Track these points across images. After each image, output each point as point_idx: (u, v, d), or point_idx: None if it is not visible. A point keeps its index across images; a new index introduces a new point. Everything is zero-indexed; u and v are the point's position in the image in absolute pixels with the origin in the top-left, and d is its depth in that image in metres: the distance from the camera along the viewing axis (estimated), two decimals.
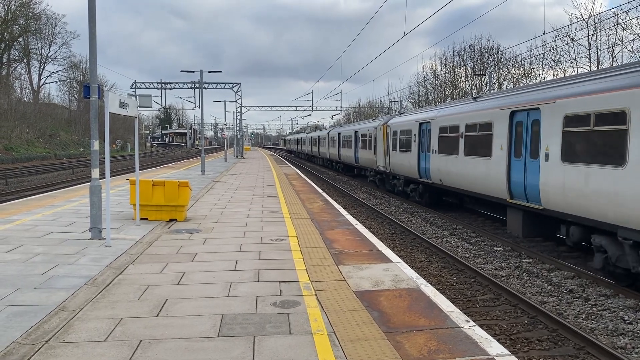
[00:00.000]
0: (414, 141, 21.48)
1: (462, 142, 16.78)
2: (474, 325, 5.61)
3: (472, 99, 18.02)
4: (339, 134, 42.18)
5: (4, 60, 69.27)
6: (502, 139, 14.12)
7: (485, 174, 15.01)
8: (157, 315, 5.88)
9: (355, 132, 34.92)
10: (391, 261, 8.50)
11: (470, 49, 49.79)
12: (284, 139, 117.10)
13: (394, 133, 24.77)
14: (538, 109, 12.39)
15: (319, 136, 56.76)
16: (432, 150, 19.34)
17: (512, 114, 13.69)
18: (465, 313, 6.26)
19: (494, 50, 47.15)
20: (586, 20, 34.02)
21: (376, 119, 33.78)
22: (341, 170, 42.81)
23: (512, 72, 45.56)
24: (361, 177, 36.70)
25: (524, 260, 12.14)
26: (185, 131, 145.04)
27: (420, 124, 21.10)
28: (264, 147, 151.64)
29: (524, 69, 43.96)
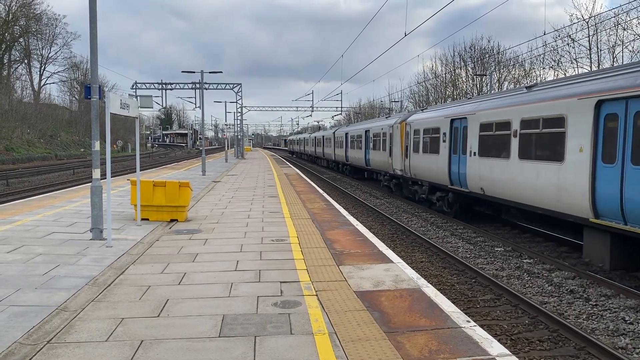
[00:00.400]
0: (444, 141, 18.35)
1: (515, 142, 13.34)
2: (475, 326, 5.62)
3: (525, 88, 14.67)
4: (346, 134, 38.45)
5: (5, 61, 69.34)
6: (581, 138, 10.85)
7: (553, 184, 11.80)
8: (158, 316, 5.89)
9: (366, 132, 31.49)
10: (392, 261, 8.50)
11: (471, 50, 49.83)
12: (285, 140, 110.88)
13: (416, 132, 21.63)
14: None
15: (323, 136, 52.73)
16: (470, 152, 16.08)
17: (599, 103, 10.45)
18: (466, 313, 6.26)
19: (494, 51, 47.15)
20: (587, 20, 34.04)
21: (391, 116, 30.59)
22: (349, 174, 39.11)
23: (513, 72, 45.58)
24: (372, 181, 33.29)
25: (524, 261, 12.14)
26: (185, 132, 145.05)
27: (452, 121, 17.77)
28: (264, 148, 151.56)
29: (524, 70, 43.98)
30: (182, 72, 36.47)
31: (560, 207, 11.62)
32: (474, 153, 15.76)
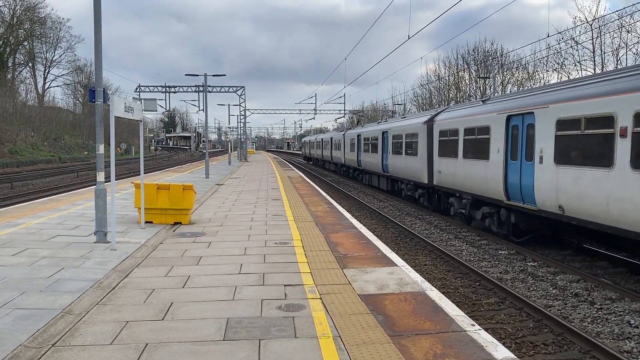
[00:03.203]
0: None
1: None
2: (480, 329, 5.60)
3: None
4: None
5: (9, 64, 69.70)
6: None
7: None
8: (162, 319, 5.89)
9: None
10: (396, 265, 8.49)
11: (474, 52, 49.82)
12: (304, 141, 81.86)
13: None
14: None
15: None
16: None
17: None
18: (470, 317, 6.25)
19: (497, 53, 47.13)
20: (590, 23, 33.99)
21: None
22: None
23: (516, 75, 45.54)
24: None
25: (528, 264, 12.11)
26: (189, 134, 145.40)
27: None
28: (267, 151, 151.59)
29: (528, 72, 43.94)
30: (186, 75, 36.58)
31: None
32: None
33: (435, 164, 19.66)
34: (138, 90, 45.58)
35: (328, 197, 19.21)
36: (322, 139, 55.95)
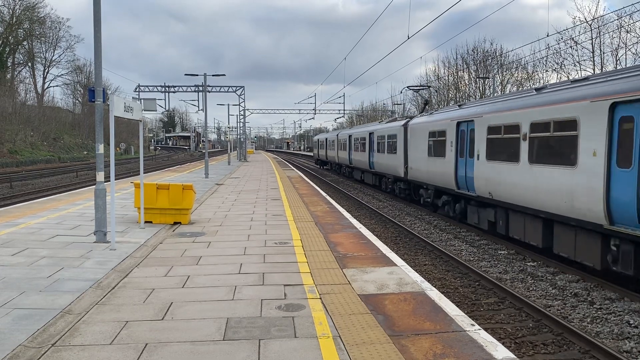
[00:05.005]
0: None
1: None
2: (479, 329, 5.61)
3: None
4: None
5: (9, 64, 69.67)
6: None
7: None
8: (162, 319, 5.89)
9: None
10: (395, 264, 8.49)
11: (474, 52, 49.84)
12: (317, 140, 59.97)
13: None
14: None
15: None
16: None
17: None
18: (470, 317, 6.26)
19: (497, 53, 47.15)
20: (589, 22, 34.01)
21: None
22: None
23: (516, 75, 45.57)
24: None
25: (528, 264, 12.11)
26: (188, 134, 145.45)
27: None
28: (267, 151, 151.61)
29: (527, 72, 43.97)
30: (186, 74, 36.53)
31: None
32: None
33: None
34: (137, 90, 45.62)
35: (328, 197, 19.21)
36: (356, 137, 35.19)
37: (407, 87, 46.50)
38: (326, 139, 51.43)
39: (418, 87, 35.41)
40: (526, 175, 12.28)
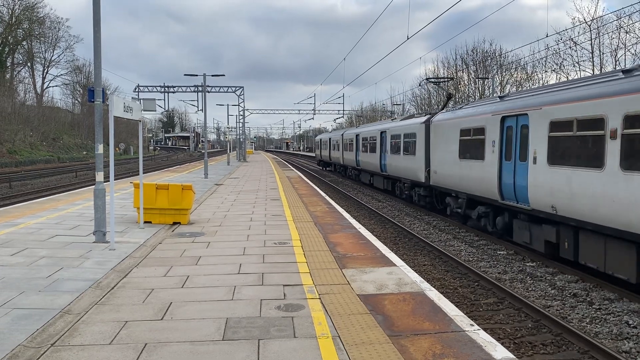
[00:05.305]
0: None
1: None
2: (478, 329, 5.61)
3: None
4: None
5: (8, 64, 69.64)
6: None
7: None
8: (161, 319, 5.90)
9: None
10: (395, 265, 8.50)
11: (473, 52, 49.86)
12: (320, 140, 56.66)
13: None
14: None
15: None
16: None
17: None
18: (469, 317, 6.26)
19: (496, 54, 47.18)
20: (589, 23, 34.04)
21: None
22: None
23: (515, 75, 45.59)
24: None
25: (527, 264, 12.12)
26: (188, 134, 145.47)
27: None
28: (266, 151, 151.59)
29: (526, 73, 43.99)
30: (185, 75, 36.54)
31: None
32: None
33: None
34: (137, 90, 45.61)
35: (327, 198, 19.22)
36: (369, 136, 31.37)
37: (427, 79, 41.12)
38: (330, 138, 48.76)
39: (440, 80, 31.68)
40: (615, 185, 9.26)
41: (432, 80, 29.71)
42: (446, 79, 37.77)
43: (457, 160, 16.80)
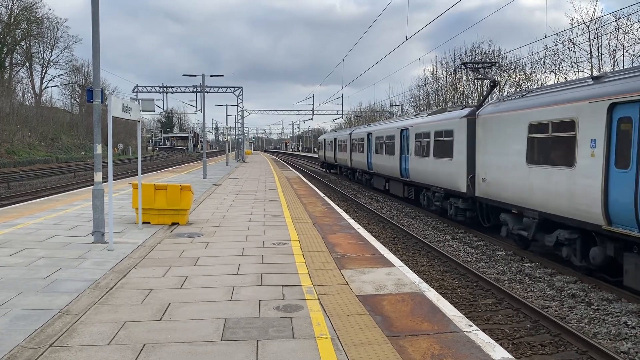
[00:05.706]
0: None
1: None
2: (477, 330, 5.61)
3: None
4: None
5: (7, 64, 69.55)
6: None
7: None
8: (160, 319, 5.89)
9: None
10: (393, 265, 8.50)
11: (472, 54, 49.86)
12: (324, 140, 52.30)
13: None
14: None
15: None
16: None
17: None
18: (468, 317, 6.27)
19: (495, 55, 47.18)
20: (587, 24, 34.06)
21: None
22: None
23: (514, 76, 45.62)
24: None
25: (526, 265, 12.13)
26: (186, 135, 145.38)
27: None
28: (265, 151, 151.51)
29: (525, 74, 44.02)
30: (184, 75, 36.53)
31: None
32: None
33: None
34: (136, 90, 45.58)
35: (326, 198, 19.22)
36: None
37: (463, 63, 32.58)
38: (335, 138, 43.67)
39: (479, 63, 24.64)
40: None
41: (469, 65, 24.15)
42: (489, 64, 31.66)
43: (524, 166, 12.58)
